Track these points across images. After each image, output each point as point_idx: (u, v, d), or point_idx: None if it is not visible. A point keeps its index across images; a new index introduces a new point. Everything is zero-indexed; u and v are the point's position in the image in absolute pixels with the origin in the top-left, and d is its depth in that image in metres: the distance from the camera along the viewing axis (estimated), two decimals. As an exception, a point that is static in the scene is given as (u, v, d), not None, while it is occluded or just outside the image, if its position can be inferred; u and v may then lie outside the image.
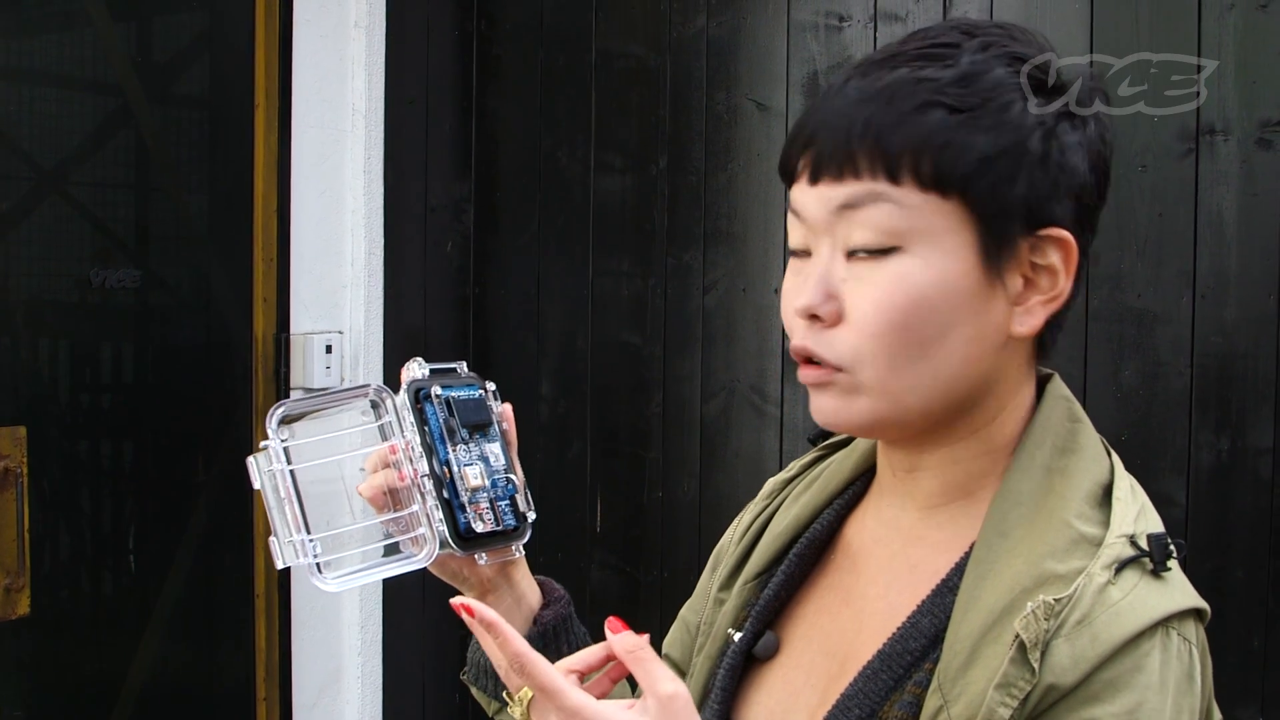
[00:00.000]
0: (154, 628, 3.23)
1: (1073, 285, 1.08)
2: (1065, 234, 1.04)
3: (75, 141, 3.12)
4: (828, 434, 1.33)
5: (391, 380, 1.51)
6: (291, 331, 3.42)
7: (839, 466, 1.26)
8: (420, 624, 3.66)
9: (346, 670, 3.57)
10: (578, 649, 1.32)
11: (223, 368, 3.40)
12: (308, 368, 3.39)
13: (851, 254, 1.05)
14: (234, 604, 3.41)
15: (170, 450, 3.31)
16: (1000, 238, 1.04)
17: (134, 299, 3.18)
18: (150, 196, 3.33)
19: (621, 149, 3.35)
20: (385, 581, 3.56)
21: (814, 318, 1.07)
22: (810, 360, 1.08)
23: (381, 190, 3.58)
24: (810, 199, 1.07)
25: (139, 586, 3.26)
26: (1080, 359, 2.70)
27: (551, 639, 1.31)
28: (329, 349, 3.44)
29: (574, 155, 3.42)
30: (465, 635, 1.37)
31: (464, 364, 1.29)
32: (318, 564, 1.16)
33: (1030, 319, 1.06)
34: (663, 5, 3.27)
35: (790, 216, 1.11)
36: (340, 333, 3.52)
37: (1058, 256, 1.05)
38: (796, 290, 1.09)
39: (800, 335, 1.08)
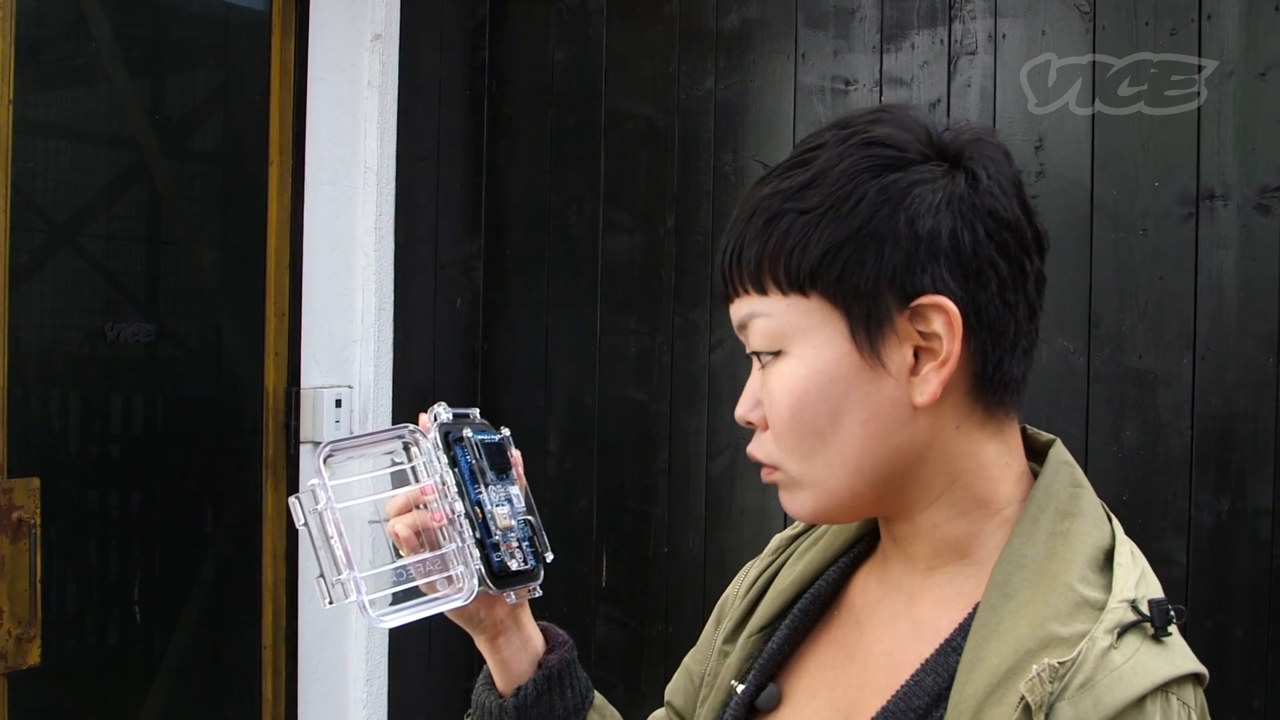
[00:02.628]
0: (162, 679, 3.23)
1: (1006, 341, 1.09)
2: (939, 299, 1.06)
3: (90, 195, 3.16)
4: None
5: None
6: (302, 385, 3.45)
7: (844, 525, 1.29)
8: (425, 677, 3.67)
9: (351, 723, 3.58)
10: (581, 693, 1.37)
11: (233, 421, 3.43)
12: (317, 421, 3.41)
13: (760, 362, 1.14)
14: (241, 656, 3.42)
15: (180, 502, 3.32)
16: (868, 318, 1.07)
17: (146, 352, 3.21)
18: (163, 250, 3.36)
19: (630, 208, 3.39)
20: (390, 635, 3.57)
21: (750, 424, 1.16)
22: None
23: (392, 246, 3.62)
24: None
25: (148, 637, 3.27)
26: (1081, 420, 2.72)
27: (556, 682, 1.34)
28: (339, 403, 3.46)
29: (583, 214, 3.46)
30: (469, 686, 1.39)
31: (476, 410, 1.32)
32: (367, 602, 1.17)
33: (926, 386, 1.08)
34: (671, 67, 3.32)
35: None
36: (350, 387, 3.54)
37: (940, 322, 1.06)
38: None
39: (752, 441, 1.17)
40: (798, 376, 1.09)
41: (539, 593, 1.32)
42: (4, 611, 2.69)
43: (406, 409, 3.59)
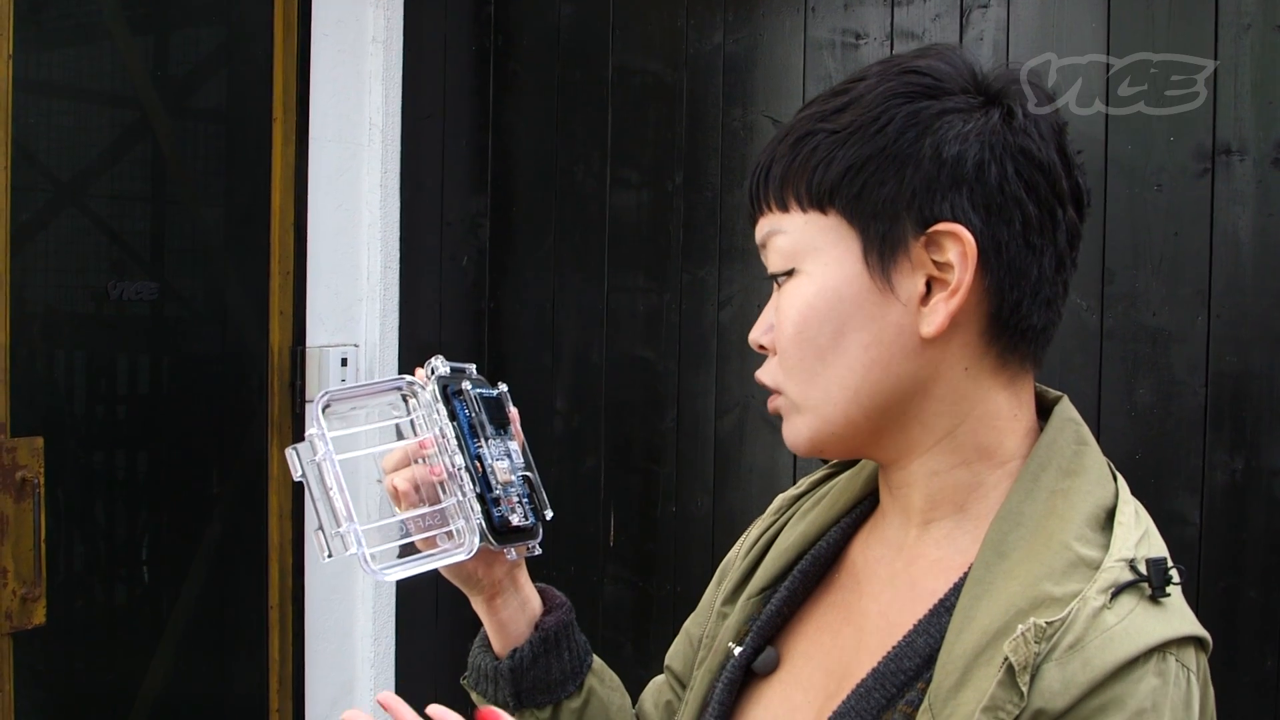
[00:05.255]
0: (169, 639, 3.23)
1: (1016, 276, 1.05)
2: (956, 227, 1.03)
3: (93, 154, 3.13)
4: None
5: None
6: (307, 344, 3.43)
7: (846, 485, 1.26)
8: (432, 637, 3.66)
9: (359, 683, 3.58)
10: (578, 656, 1.35)
11: (238, 380, 3.41)
12: (323, 380, 3.40)
13: (778, 284, 1.12)
14: (248, 616, 3.42)
15: (186, 462, 3.32)
16: (882, 239, 1.05)
17: (150, 311, 3.19)
18: (167, 209, 3.34)
19: (638, 165, 3.35)
20: (398, 595, 3.57)
21: (763, 348, 1.15)
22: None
23: (398, 204, 3.59)
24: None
25: (154, 598, 3.26)
26: (1094, 377, 2.70)
27: (553, 645, 1.33)
28: (344, 362, 3.45)
29: (590, 171, 3.42)
30: (476, 647, 1.38)
31: (473, 366, 1.30)
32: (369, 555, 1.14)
33: (934, 317, 1.05)
34: (680, 22, 3.28)
35: None
36: (356, 346, 3.53)
37: (955, 251, 1.03)
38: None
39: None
40: (807, 293, 1.08)
41: (538, 551, 1.30)
42: (9, 571, 2.68)
43: (412, 368, 3.55)
